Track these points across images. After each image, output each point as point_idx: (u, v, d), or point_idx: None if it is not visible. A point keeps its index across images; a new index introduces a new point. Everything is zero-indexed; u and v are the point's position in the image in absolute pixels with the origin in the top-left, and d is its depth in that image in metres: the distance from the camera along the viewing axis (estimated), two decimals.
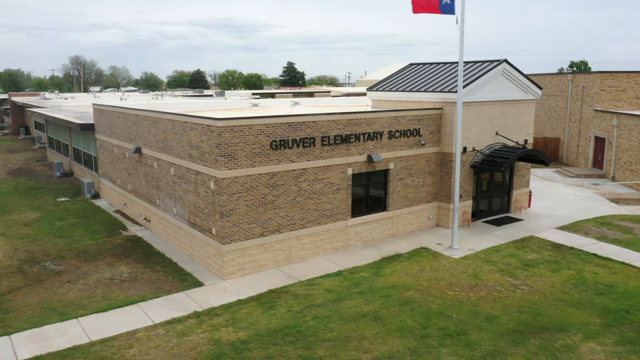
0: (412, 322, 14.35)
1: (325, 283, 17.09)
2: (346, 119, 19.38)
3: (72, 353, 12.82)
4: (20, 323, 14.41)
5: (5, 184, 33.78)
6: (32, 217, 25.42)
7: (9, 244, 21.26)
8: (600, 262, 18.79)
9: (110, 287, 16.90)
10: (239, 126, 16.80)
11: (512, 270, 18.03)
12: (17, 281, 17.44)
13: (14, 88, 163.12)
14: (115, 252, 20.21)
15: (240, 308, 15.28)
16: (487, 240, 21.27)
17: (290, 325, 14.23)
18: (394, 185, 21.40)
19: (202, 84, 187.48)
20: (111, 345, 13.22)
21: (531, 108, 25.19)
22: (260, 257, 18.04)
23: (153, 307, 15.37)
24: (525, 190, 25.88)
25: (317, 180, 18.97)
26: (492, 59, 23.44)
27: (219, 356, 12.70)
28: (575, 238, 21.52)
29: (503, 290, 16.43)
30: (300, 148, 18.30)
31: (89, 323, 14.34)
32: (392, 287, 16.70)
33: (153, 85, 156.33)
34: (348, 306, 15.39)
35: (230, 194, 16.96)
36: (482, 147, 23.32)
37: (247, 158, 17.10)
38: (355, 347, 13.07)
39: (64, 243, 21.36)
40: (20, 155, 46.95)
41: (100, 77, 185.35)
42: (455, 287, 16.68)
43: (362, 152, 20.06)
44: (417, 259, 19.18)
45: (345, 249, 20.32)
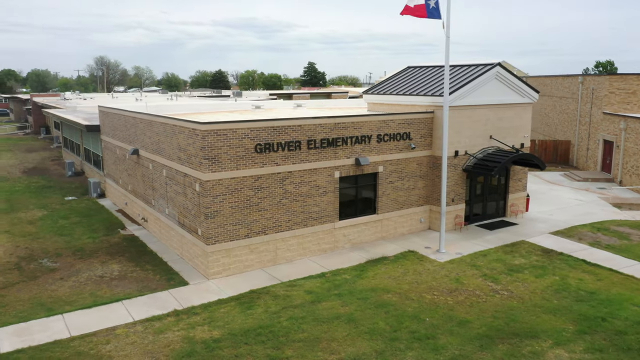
0: (384, 325, 14.55)
1: (306, 284, 17.39)
2: (333, 123, 19.65)
3: (52, 347, 13.40)
4: (9, 318, 15.08)
5: (18, 183, 34.96)
6: (38, 215, 26.34)
7: (11, 241, 22.12)
8: (587, 269, 18.66)
9: (99, 285, 17.51)
10: (223, 130, 17.22)
11: (496, 275, 18.06)
12: (12, 277, 18.19)
13: (41, 88, 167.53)
14: (110, 251, 20.86)
15: (219, 307, 15.69)
16: (476, 245, 21.28)
17: (264, 325, 14.58)
18: (384, 188, 21.58)
19: (223, 84, 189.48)
20: (90, 340, 13.76)
21: (527, 111, 25.04)
22: (245, 257, 18.44)
23: (136, 305, 15.89)
24: (522, 194, 25.74)
25: (303, 183, 19.28)
26: (487, 63, 23.41)
27: (190, 354, 13.12)
28: (567, 243, 21.37)
29: (482, 295, 16.49)
30: (286, 151, 18.63)
31: (72, 319, 14.93)
32: (372, 289, 16.91)
33: (174, 85, 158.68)
34: (324, 308, 15.66)
35: (215, 196, 17.40)
36: (475, 150, 23.31)
37: (231, 161, 17.51)
38: (323, 349, 13.35)
39: (64, 241, 22.12)
40: (38, 155, 48.39)
41: (125, 77, 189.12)
42: (435, 291, 16.80)
43: (349, 156, 20.29)
44: (402, 262, 19.34)
45: (333, 250, 20.58)
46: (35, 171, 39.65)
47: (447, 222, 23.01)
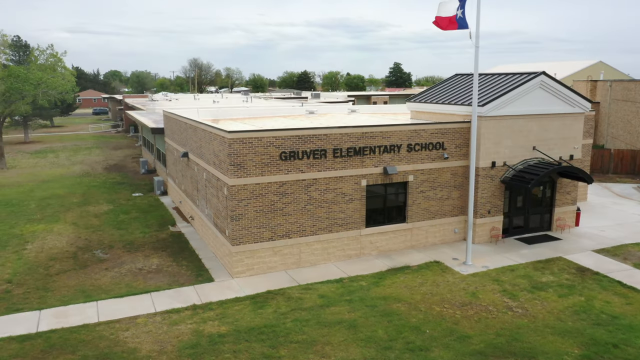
0: (383, 334, 14.86)
1: (322, 288, 18.03)
2: (360, 132, 20.08)
3: (80, 330, 15.14)
4: (53, 301, 17.15)
5: (97, 178, 38.58)
6: (104, 209, 29.10)
7: (76, 232, 24.74)
8: (620, 291, 17.66)
9: (137, 277, 19.28)
10: (249, 138, 18.29)
11: (516, 292, 17.62)
12: (67, 265, 20.49)
13: (141, 88, 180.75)
14: (156, 246, 22.75)
15: (233, 305, 16.78)
16: (507, 259, 20.74)
17: (269, 324, 15.44)
18: (414, 197, 21.64)
19: (308, 85, 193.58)
20: (113, 326, 15.37)
21: (578, 122, 23.85)
22: (269, 259, 19.42)
23: (162, 297, 17.40)
24: (571, 208, 24.55)
25: (328, 190, 19.91)
26: (532, 72, 22.63)
27: (194, 345, 14.28)
28: (608, 263, 20.24)
29: (494, 311, 16.23)
30: (311, 159, 19.36)
31: (104, 306, 16.69)
32: (383, 297, 17.21)
33: (259, 86, 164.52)
34: (331, 312, 16.23)
35: (240, 200, 18.53)
36: (516, 162, 22.63)
37: (256, 167, 18.55)
38: (316, 351, 13.95)
39: (119, 234, 24.39)
40: (122, 152, 52.79)
41: (218, 78, 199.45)
42: (446, 304, 16.77)
43: (377, 165, 20.61)
44: (424, 272, 19.38)
45: (358, 257, 21.01)
46: (115, 168, 43.45)
47: (482, 234, 22.59)
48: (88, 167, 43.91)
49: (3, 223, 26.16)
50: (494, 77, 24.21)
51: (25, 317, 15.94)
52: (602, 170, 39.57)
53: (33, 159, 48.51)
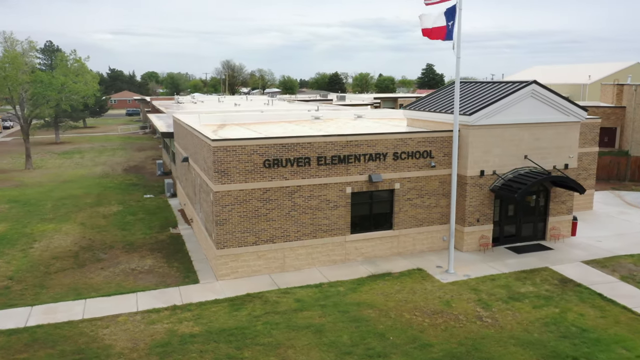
0: (347, 339, 15.29)
1: (299, 293, 18.56)
2: (345, 141, 20.52)
3: (64, 326, 16.14)
4: (46, 298, 18.26)
5: (115, 180, 40.17)
6: (114, 210, 30.41)
7: (82, 232, 26.03)
8: (598, 304, 17.54)
9: (128, 277, 20.25)
10: (232, 146, 19.00)
11: (491, 302, 17.73)
12: (67, 264, 21.66)
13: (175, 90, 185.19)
14: (153, 247, 23.74)
15: (211, 307, 17.49)
16: (491, 268, 20.80)
17: (241, 326, 16.08)
18: (401, 204, 21.91)
19: (338, 87, 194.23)
20: (95, 324, 16.31)
21: (573, 131, 23.61)
22: (253, 263, 20.08)
23: (146, 297, 18.28)
24: (566, 217, 24.31)
25: (312, 197, 20.42)
26: (522, 81, 22.58)
27: (165, 344, 15.05)
28: (594, 274, 20.06)
29: (463, 320, 16.42)
30: (295, 167, 19.92)
31: (91, 304, 17.67)
32: (357, 303, 17.61)
33: (290, 87, 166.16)
34: (303, 316, 16.75)
35: (224, 205, 19.25)
36: (506, 170, 22.61)
37: (240, 174, 19.24)
38: (278, 354, 14.50)
39: (121, 235, 25.53)
40: (144, 154, 54.58)
41: (252, 78, 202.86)
42: (417, 312, 17.04)
43: (362, 172, 21.00)
44: (404, 280, 19.66)
45: (344, 262, 21.44)
46: (134, 169, 45.06)
47: (471, 243, 22.67)
48: (109, 168, 45.68)
49: (17, 222, 27.73)
50: (486, 86, 24.22)
51: (17, 313, 17.07)
52: (618, 178, 38.71)
53: (59, 160, 50.75)
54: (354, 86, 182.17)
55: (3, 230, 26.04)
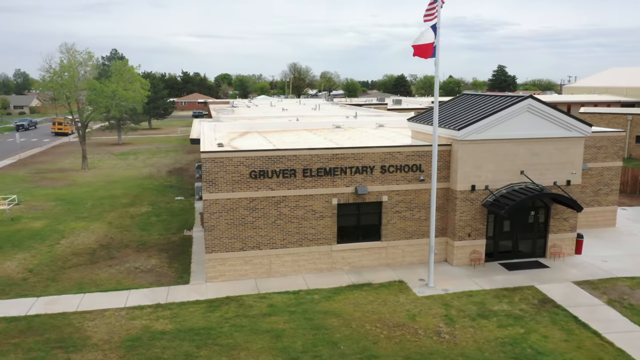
0: (300, 345, 16.12)
1: (275, 298, 19.57)
2: (331, 154, 21.27)
3: (57, 316, 18.14)
4: (52, 290, 20.47)
5: (156, 181, 43.02)
6: (142, 211, 32.82)
7: (106, 231, 28.47)
8: (569, 327, 17.21)
9: (129, 275, 22.15)
10: (220, 157, 20.34)
11: (458, 318, 17.85)
12: (82, 260, 23.96)
13: (244, 91, 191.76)
14: (163, 247, 25.62)
15: (190, 307, 18.90)
16: (474, 283, 20.75)
17: (208, 327, 17.34)
18: (389, 217, 22.32)
19: (404, 89, 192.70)
20: (84, 316, 18.19)
21: (577, 146, 22.92)
22: (240, 267, 21.32)
23: (137, 295, 20.01)
24: (569, 235, 23.61)
25: (298, 207, 21.35)
26: (518, 95, 22.24)
27: (136, 339, 16.59)
28: (580, 296, 19.55)
29: (420, 335, 16.74)
30: (280, 178, 20.94)
31: (87, 299, 19.64)
32: (325, 312, 18.36)
33: (352, 90, 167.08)
34: (269, 321, 17.75)
35: (212, 212, 20.64)
36: (500, 186, 22.39)
37: (227, 184, 20.55)
38: (231, 355, 15.61)
39: (139, 235, 27.69)
40: (192, 156, 57.59)
41: (322, 79, 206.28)
42: (379, 323, 17.53)
43: (349, 184, 21.64)
44: (380, 291, 20.13)
45: (330, 271, 22.18)
46: (177, 171, 47.89)
47: (462, 257, 22.66)
48: (155, 170, 48.84)
49: (55, 219, 30.73)
50: (488, 99, 24.02)
51: (23, 302, 19.34)
52: None
53: (114, 161, 54.80)
54: (418, 89, 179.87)
55: (40, 227, 29.02)
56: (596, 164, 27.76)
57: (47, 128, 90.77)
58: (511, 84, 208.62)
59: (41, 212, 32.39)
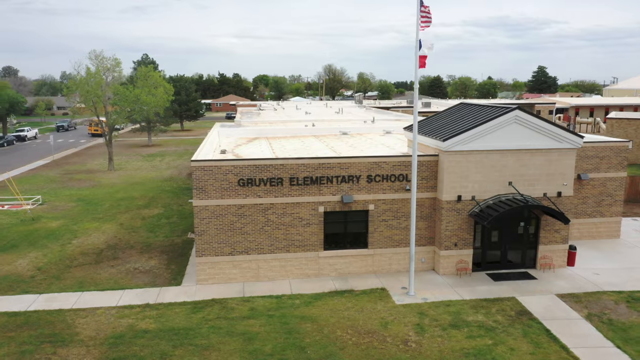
0: (269, 349, 16.88)
1: (258, 302, 20.39)
2: (317, 163, 21.93)
3: (53, 313, 19.51)
4: (55, 288, 21.93)
5: (174, 183, 44.63)
6: (155, 213, 34.30)
7: (116, 232, 30.00)
8: (539, 340, 17.32)
9: (127, 275, 23.43)
10: (209, 166, 21.32)
11: (429, 328, 18.20)
12: (88, 260, 25.45)
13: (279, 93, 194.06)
14: (164, 249, 26.88)
15: (175, 308, 19.95)
16: (455, 293, 21.00)
17: (188, 327, 18.32)
18: (376, 225, 22.80)
19: (439, 91, 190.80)
20: (77, 313, 19.50)
21: (568, 158, 22.78)
22: (229, 271, 22.25)
23: (130, 294, 21.22)
24: (560, 246, 23.47)
25: (285, 214, 22.11)
26: (506, 106, 22.33)
27: (120, 337, 17.72)
28: (559, 309, 19.53)
29: (387, 343, 17.21)
30: (268, 186, 21.76)
31: (84, 297, 20.98)
32: (302, 317, 19.05)
33: (385, 92, 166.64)
34: (247, 324, 18.58)
35: (202, 218, 21.65)
36: (488, 196, 22.51)
37: (216, 191, 21.51)
38: (203, 356, 16.51)
39: (146, 237, 29.07)
40: None
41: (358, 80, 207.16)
42: (351, 330, 18.09)
43: (335, 193, 22.25)
44: (360, 298, 20.65)
45: (317, 277, 22.84)
46: None
47: (448, 267, 22.90)
48: (177, 172, 50.58)
49: (71, 219, 32.55)
50: (481, 109, 24.14)
51: (26, 299, 20.85)
52: None
53: (140, 162, 56.97)
54: (453, 91, 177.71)
55: (56, 226, 30.85)
56: (598, 175, 27.35)
57: (86, 129, 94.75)
58: (551, 85, 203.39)
59: (61, 213, 34.34)
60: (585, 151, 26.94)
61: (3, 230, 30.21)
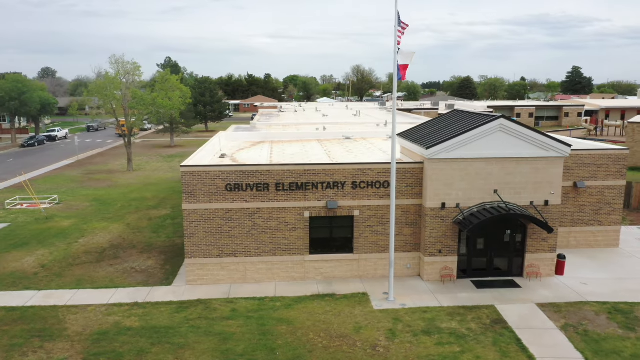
0: (241, 349, 17.56)
1: (240, 303, 21.10)
2: (302, 169, 22.50)
3: (47, 308, 20.68)
4: (54, 285, 23.16)
5: None
6: (162, 213, 35.50)
7: (122, 232, 31.25)
8: (508, 349, 17.46)
9: (123, 274, 24.50)
10: (197, 172, 22.16)
11: (401, 334, 18.54)
12: (90, 258, 26.69)
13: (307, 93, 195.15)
14: (163, 250, 27.91)
15: (162, 307, 20.84)
16: (434, 299, 21.23)
17: (170, 326, 19.17)
18: (361, 230, 23.21)
19: (469, 92, 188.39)
20: (69, 310, 20.62)
21: (555, 166, 22.67)
22: (217, 273, 23.05)
23: (122, 293, 22.25)
24: (548, 255, 23.38)
25: (272, 219, 22.76)
26: (491, 114, 22.40)
27: (104, 333, 18.71)
28: (536, 319, 19.56)
29: (356, 347, 17.65)
30: (254, 191, 22.46)
31: (78, 294, 22.12)
32: (279, 319, 19.66)
33: (413, 93, 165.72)
34: (225, 324, 19.31)
35: (191, 221, 22.52)
36: (473, 204, 22.63)
37: (204, 196, 22.33)
38: (177, 354, 17.30)
39: (149, 237, 30.20)
40: None
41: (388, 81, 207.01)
42: (324, 333, 18.60)
43: (320, 199, 22.76)
44: (340, 302, 21.11)
45: (303, 280, 23.41)
46: None
47: (432, 273, 23.12)
48: None
49: (83, 219, 34.03)
50: (467, 117, 24.25)
51: (26, 294, 22.12)
52: None
53: (159, 163, 58.67)
54: (482, 92, 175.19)
55: (67, 226, 32.35)
56: (596, 183, 27.01)
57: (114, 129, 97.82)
58: (586, 86, 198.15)
59: (75, 212, 35.93)
60: (581, 159, 26.68)
61: (18, 229, 31.89)
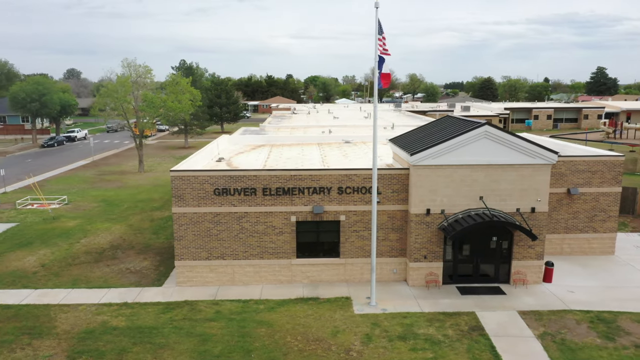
0: (218, 350, 18.05)
1: (225, 305, 21.61)
2: (289, 175, 22.91)
3: (40, 307, 21.52)
4: (51, 284, 24.04)
5: None
6: (165, 215, 36.31)
7: (123, 232, 32.12)
8: (480, 356, 17.61)
9: (117, 275, 25.27)
10: (187, 176, 22.77)
11: (377, 338, 18.80)
12: (89, 258, 27.55)
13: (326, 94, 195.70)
14: (159, 251, 28.63)
15: (149, 307, 21.49)
16: (416, 305, 21.41)
17: (154, 327, 19.78)
18: (347, 235, 23.51)
19: (490, 93, 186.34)
20: (61, 309, 21.42)
21: (542, 173, 22.61)
22: (206, 275, 23.62)
23: (113, 293, 22.98)
24: (535, 262, 23.32)
25: (259, 223, 23.23)
26: (476, 121, 22.47)
27: (90, 332, 19.42)
28: (514, 327, 19.60)
29: (331, 351, 17.98)
30: (242, 196, 22.96)
31: (72, 293, 22.94)
32: (260, 321, 20.10)
33: (432, 94, 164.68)
34: (207, 326, 19.84)
35: (180, 224, 23.14)
36: (458, 210, 22.73)
37: (193, 200, 22.92)
38: (156, 354, 17.88)
39: (149, 238, 30.99)
40: None
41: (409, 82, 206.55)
42: (300, 337, 18.97)
43: (307, 203, 23.14)
44: (322, 306, 21.45)
45: (290, 283, 23.82)
46: None
47: (417, 278, 23.29)
48: None
49: (88, 219, 35.06)
50: (456, 123, 24.32)
51: (23, 293, 23.03)
52: None
53: (171, 164, 59.69)
54: (501, 92, 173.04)
55: (72, 226, 33.39)
56: (590, 189, 26.78)
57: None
58: (611, 87, 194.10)
59: (81, 212, 37.01)
60: (575, 165, 26.49)
61: (25, 228, 33.05)
